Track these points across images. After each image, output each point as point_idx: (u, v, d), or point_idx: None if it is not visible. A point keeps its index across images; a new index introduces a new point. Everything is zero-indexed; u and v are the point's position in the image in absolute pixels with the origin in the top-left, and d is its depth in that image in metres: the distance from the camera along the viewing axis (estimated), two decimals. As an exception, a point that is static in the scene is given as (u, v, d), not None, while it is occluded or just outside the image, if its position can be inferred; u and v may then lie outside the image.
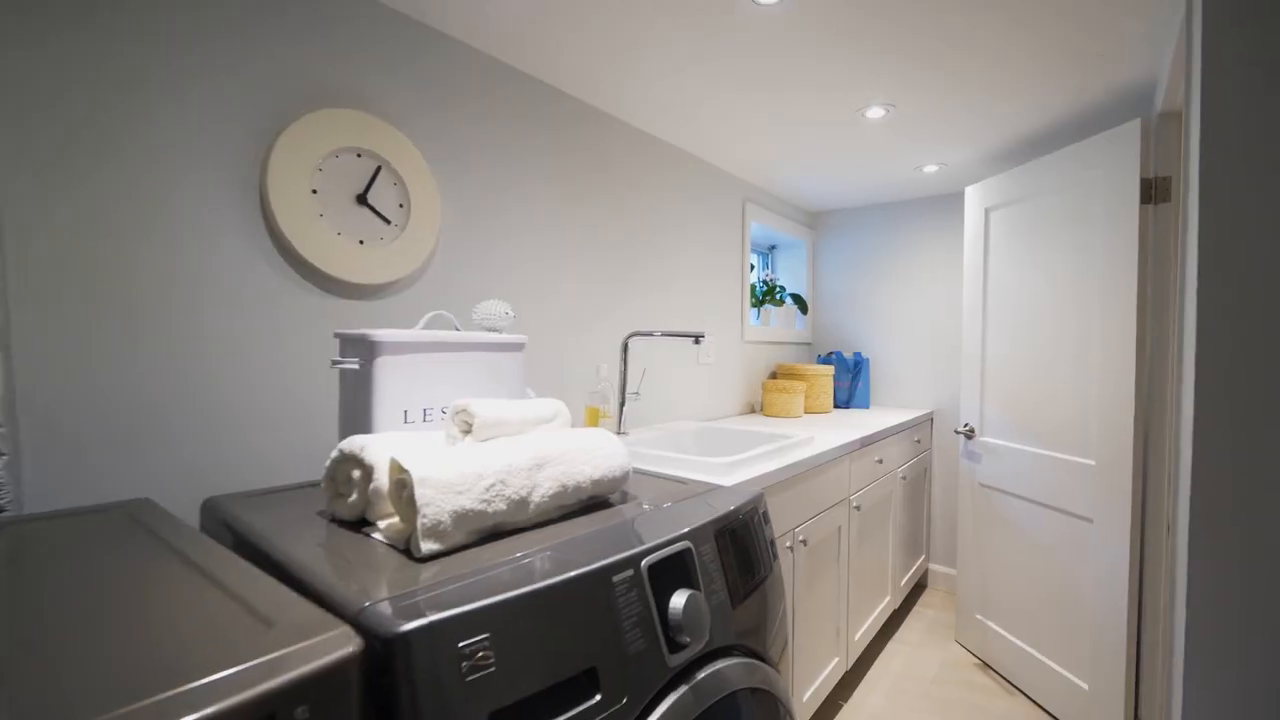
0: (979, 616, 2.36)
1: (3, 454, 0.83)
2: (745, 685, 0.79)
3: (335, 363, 0.96)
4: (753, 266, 3.19)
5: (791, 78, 1.73)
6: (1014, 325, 2.20)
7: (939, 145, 2.29)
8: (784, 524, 1.59)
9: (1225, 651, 0.96)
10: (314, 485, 1.07)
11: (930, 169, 2.57)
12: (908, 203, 3.11)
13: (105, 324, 0.98)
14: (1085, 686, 1.87)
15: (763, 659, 0.87)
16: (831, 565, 1.92)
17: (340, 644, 0.49)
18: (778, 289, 3.18)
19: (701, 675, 0.74)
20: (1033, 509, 2.10)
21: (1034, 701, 2.09)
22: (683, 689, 0.71)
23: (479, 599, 0.57)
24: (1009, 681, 2.21)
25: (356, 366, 0.96)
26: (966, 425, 2.41)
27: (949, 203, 2.99)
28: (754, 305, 3.06)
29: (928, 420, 2.99)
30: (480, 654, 0.55)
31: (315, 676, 0.46)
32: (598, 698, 0.62)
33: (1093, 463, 1.86)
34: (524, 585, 0.61)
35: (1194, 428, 0.97)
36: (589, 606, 0.65)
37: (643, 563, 0.71)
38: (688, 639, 0.72)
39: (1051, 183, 2.03)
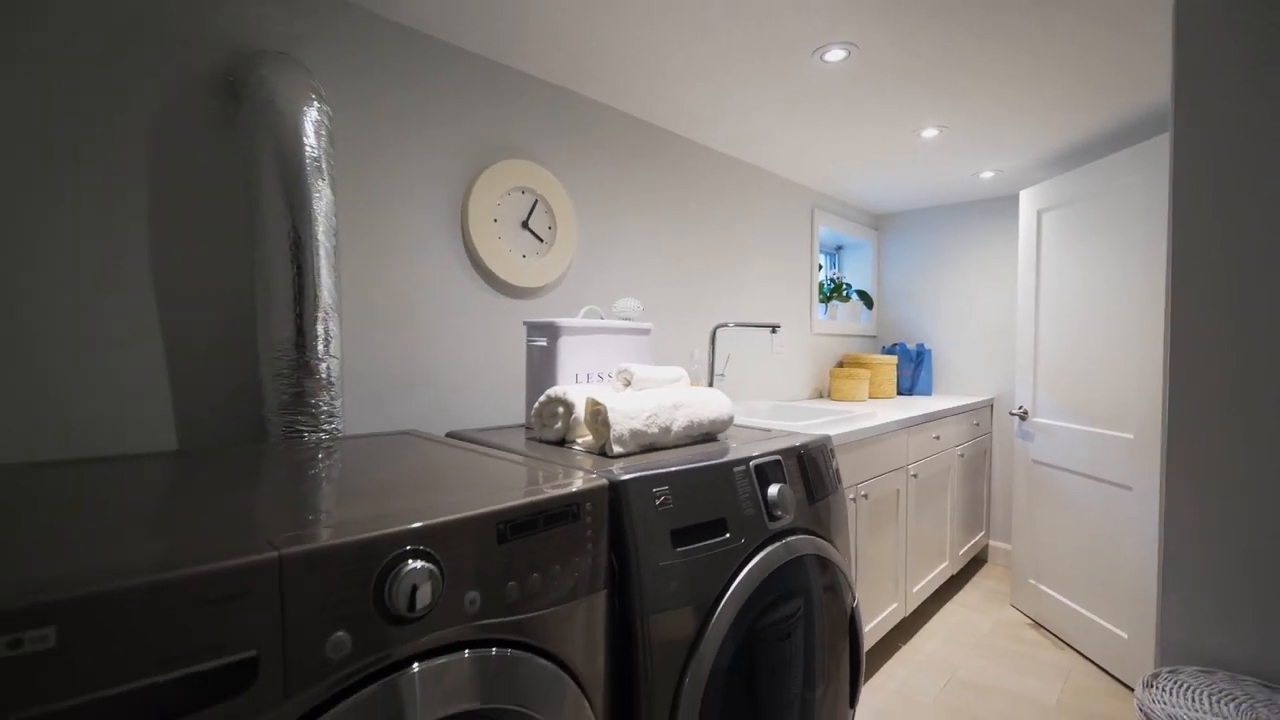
0: (1032, 581, 2.60)
1: (339, 396, 1.33)
2: (816, 553, 1.17)
3: (531, 341, 1.41)
4: (821, 266, 3.51)
5: (853, 112, 2.07)
6: (1062, 315, 2.44)
7: (991, 157, 2.56)
8: (848, 479, 1.94)
9: (1194, 577, 1.25)
10: (508, 428, 1.52)
11: (986, 175, 2.82)
12: (967, 204, 3.34)
13: (385, 316, 1.48)
14: (1124, 636, 2.11)
15: (830, 542, 1.25)
16: (890, 522, 2.25)
17: (599, 481, 0.91)
18: (844, 286, 3.48)
19: (789, 539, 1.13)
20: (1079, 480, 2.34)
21: (1079, 653, 2.33)
22: (777, 544, 1.10)
23: (660, 468, 0.99)
24: (1058, 637, 2.45)
25: (544, 344, 1.40)
26: (1020, 407, 2.66)
27: (1006, 204, 3.20)
28: (821, 301, 3.38)
29: (988, 406, 3.22)
30: (663, 498, 0.97)
31: (592, 491, 0.88)
32: (727, 535, 1.03)
33: (1131, 436, 2.10)
34: (684, 465, 1.02)
35: (1168, 401, 1.27)
36: (720, 484, 1.05)
37: (751, 463, 1.11)
38: (780, 513, 1.11)
39: (1097, 187, 2.27)
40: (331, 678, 0.60)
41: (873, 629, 2.12)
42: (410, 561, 0.65)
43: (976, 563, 3.29)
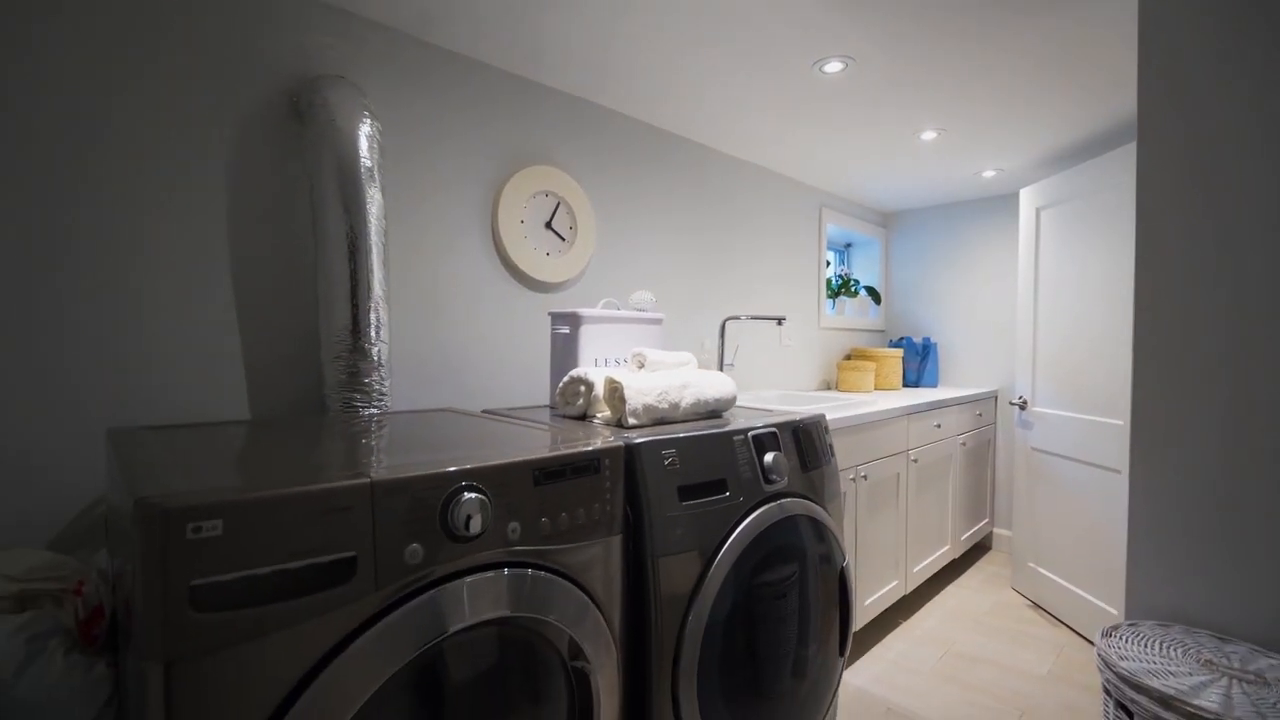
0: (1031, 564, 2.71)
1: (388, 377, 1.51)
2: (807, 514, 1.33)
3: (555, 329, 1.58)
4: (829, 263, 3.63)
5: (854, 116, 2.21)
6: (1060, 308, 2.55)
7: (990, 157, 2.67)
8: (848, 460, 2.08)
9: (1156, 541, 1.38)
10: (535, 407, 1.69)
11: (988, 174, 2.93)
12: (971, 202, 3.45)
13: (422, 308, 1.66)
14: (1115, 612, 2.22)
15: (822, 507, 1.40)
16: (890, 504, 2.38)
17: (616, 443, 1.08)
18: (852, 282, 3.60)
19: (783, 500, 1.28)
20: (1074, 466, 2.45)
21: (1073, 630, 2.44)
22: (771, 504, 1.25)
23: (669, 435, 1.15)
24: (1054, 616, 2.56)
25: (567, 331, 1.57)
26: (1020, 397, 2.77)
27: (1008, 202, 3.31)
28: (829, 297, 3.51)
29: (991, 397, 3.32)
30: (671, 459, 1.13)
31: (610, 450, 1.05)
32: (727, 494, 1.19)
33: (1121, 423, 2.21)
34: (690, 433, 1.18)
35: (1133, 384, 1.40)
36: (721, 451, 1.21)
37: (750, 433, 1.27)
38: (775, 477, 1.27)
39: (1092, 185, 2.38)
40: (407, 579, 0.77)
41: (872, 603, 2.26)
42: (467, 494, 0.82)
43: (980, 549, 3.40)
